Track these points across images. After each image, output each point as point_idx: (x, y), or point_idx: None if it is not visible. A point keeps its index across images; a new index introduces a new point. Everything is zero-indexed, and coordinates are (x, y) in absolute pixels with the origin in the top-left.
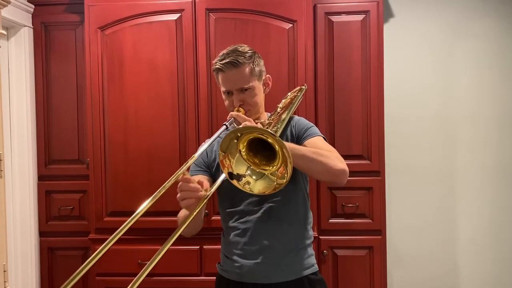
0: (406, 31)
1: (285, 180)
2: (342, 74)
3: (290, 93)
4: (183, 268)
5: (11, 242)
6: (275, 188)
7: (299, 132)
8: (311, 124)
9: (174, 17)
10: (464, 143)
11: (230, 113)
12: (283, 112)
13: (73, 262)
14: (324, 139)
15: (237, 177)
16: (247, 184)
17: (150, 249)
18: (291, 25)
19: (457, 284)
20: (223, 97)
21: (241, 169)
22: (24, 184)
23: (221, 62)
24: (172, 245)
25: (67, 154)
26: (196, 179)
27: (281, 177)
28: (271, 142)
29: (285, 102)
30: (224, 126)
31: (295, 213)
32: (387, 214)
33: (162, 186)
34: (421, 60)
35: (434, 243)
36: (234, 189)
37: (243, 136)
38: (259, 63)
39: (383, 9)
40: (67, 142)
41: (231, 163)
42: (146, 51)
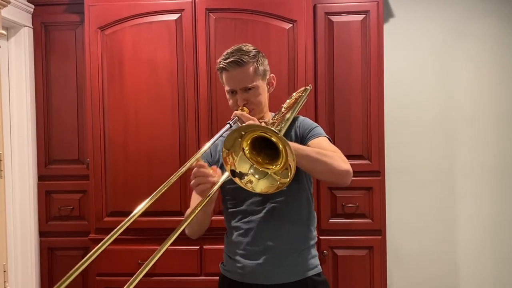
0: (406, 31)
1: (288, 179)
2: (342, 74)
3: (295, 93)
4: (183, 268)
5: (11, 242)
6: (278, 187)
7: (303, 133)
8: (315, 125)
9: (174, 17)
10: (464, 143)
11: (234, 112)
12: (287, 112)
13: (73, 262)
14: (329, 139)
15: (239, 175)
16: (249, 183)
17: (150, 249)
18: (291, 25)
19: (457, 284)
20: (227, 96)
21: (244, 167)
22: (24, 184)
23: (225, 61)
24: (172, 245)
25: (67, 154)
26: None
27: (284, 176)
28: (274, 141)
29: (290, 102)
30: (228, 125)
31: (298, 213)
32: (387, 214)
33: (170, 178)
34: (421, 60)
35: (434, 243)
36: (237, 188)
37: (246, 134)
38: (263, 63)
39: (383, 9)
40: (67, 142)
41: (234, 161)
42: (146, 51)
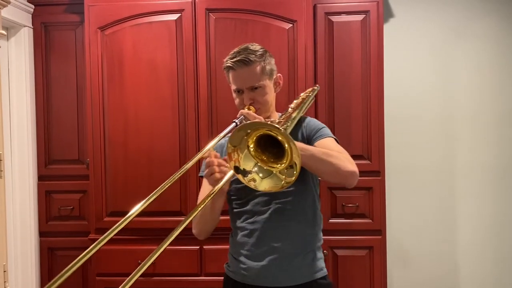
0: (406, 31)
1: (293, 178)
2: (342, 74)
3: (303, 94)
4: (183, 268)
5: (11, 242)
6: (282, 186)
7: (310, 133)
8: (322, 125)
9: (174, 17)
10: (464, 143)
11: (240, 111)
12: (294, 111)
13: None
14: (336, 140)
15: (242, 172)
16: (253, 181)
17: (150, 249)
18: (291, 25)
19: (457, 284)
20: (234, 95)
21: (248, 165)
22: (24, 184)
23: (232, 60)
24: (172, 245)
25: (67, 154)
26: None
27: (289, 175)
28: (280, 139)
29: (297, 102)
30: (234, 124)
31: (303, 214)
32: (387, 214)
33: (176, 174)
34: (421, 60)
35: (434, 243)
36: (243, 188)
37: (252, 132)
38: (270, 62)
39: (383, 9)
40: (67, 142)
41: (239, 157)
42: (146, 51)
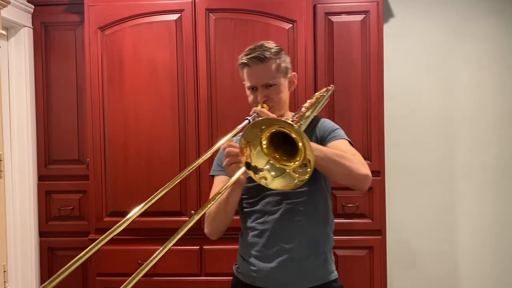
0: (406, 31)
1: (307, 176)
2: (342, 74)
3: (317, 93)
4: (183, 268)
5: (11, 242)
6: (295, 185)
7: (323, 134)
8: (336, 126)
9: (174, 17)
10: (464, 143)
11: (253, 109)
12: (307, 111)
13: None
14: (350, 143)
15: (254, 169)
16: (264, 179)
17: (150, 249)
18: (291, 25)
19: (457, 284)
20: (247, 92)
21: (260, 162)
22: (24, 184)
23: (247, 57)
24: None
25: (67, 154)
26: (219, 180)
27: (302, 173)
28: (294, 137)
29: (311, 102)
30: (247, 121)
31: (315, 215)
32: (387, 214)
33: (187, 168)
34: (421, 60)
35: (434, 243)
36: (254, 187)
37: (266, 128)
38: (285, 60)
39: (383, 9)
40: (67, 142)
41: (251, 153)
42: (146, 51)
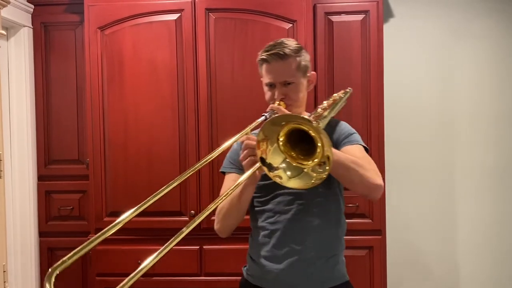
0: (406, 31)
1: (324, 175)
2: (342, 74)
3: (335, 94)
4: (183, 268)
5: (11, 242)
6: (312, 184)
7: (339, 137)
8: (353, 131)
9: (174, 17)
10: (464, 143)
11: (271, 106)
12: (325, 111)
13: (73, 262)
14: (365, 149)
15: (268, 166)
16: (278, 178)
17: (150, 249)
18: (291, 25)
19: (457, 284)
20: (265, 89)
21: (276, 160)
22: (24, 184)
23: (267, 53)
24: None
25: (66, 154)
26: (230, 178)
27: (320, 172)
28: (313, 136)
29: (328, 103)
30: (263, 117)
31: (327, 217)
32: (387, 214)
33: (200, 163)
34: (420, 60)
35: (434, 243)
36: (267, 185)
37: (285, 125)
38: (305, 58)
39: (382, 9)
40: (67, 142)
41: (267, 149)
42: (146, 51)
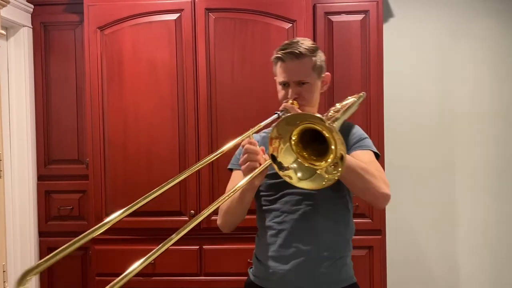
0: (405, 31)
1: (336, 177)
2: (341, 73)
3: (350, 97)
4: (183, 268)
5: (10, 242)
6: (323, 185)
7: (350, 141)
8: (365, 136)
9: (174, 17)
10: (464, 143)
11: (284, 104)
12: (337, 113)
13: (73, 262)
14: (377, 155)
15: (279, 164)
16: (288, 177)
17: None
18: (291, 25)
19: (457, 284)
20: (278, 88)
21: (288, 159)
22: (23, 184)
23: (282, 51)
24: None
25: (66, 154)
26: (237, 174)
27: (332, 173)
28: (326, 136)
29: (341, 105)
30: (276, 115)
31: (335, 220)
32: (386, 214)
33: (202, 162)
34: (420, 60)
35: (434, 243)
36: (275, 184)
37: (299, 124)
38: (321, 59)
39: (382, 9)
40: (67, 142)
41: (279, 148)
42: (146, 51)
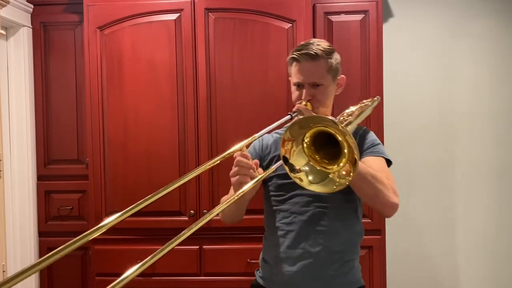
0: (405, 31)
1: (347, 182)
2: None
3: (365, 101)
4: (183, 268)
5: (10, 242)
6: (333, 190)
7: (362, 146)
8: (378, 141)
9: (173, 17)
10: (464, 142)
11: (297, 106)
12: (351, 117)
13: (73, 262)
14: (388, 162)
15: (290, 166)
16: (298, 180)
17: (149, 249)
18: (290, 24)
19: (457, 284)
20: (292, 89)
21: (300, 162)
22: (23, 184)
23: (298, 52)
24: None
25: (66, 154)
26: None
27: (344, 177)
28: (340, 140)
29: (355, 108)
30: (289, 116)
31: (344, 223)
32: None
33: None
34: (420, 60)
35: (434, 243)
36: (285, 185)
37: (312, 127)
38: (337, 61)
39: (382, 9)
40: (67, 142)
41: (292, 150)
42: (145, 51)
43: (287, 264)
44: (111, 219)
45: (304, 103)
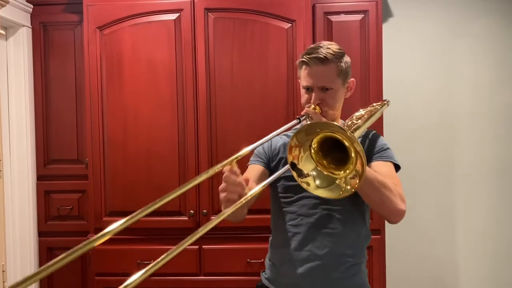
0: (405, 31)
1: (353, 189)
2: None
3: (375, 104)
4: (183, 268)
5: (10, 242)
6: (339, 196)
7: (371, 150)
8: (387, 146)
9: (173, 17)
10: (464, 142)
11: (307, 109)
12: (360, 121)
13: (73, 262)
14: (397, 166)
15: (298, 172)
16: (306, 184)
17: (149, 249)
18: (290, 24)
19: (457, 284)
20: (301, 92)
21: (307, 167)
22: (23, 184)
23: (308, 56)
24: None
25: (66, 154)
26: (252, 167)
27: (350, 184)
28: (347, 146)
29: (365, 112)
30: (297, 120)
31: (351, 227)
32: None
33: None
34: (419, 60)
35: (434, 243)
36: (293, 187)
37: (319, 133)
38: (347, 65)
39: (381, 9)
40: (66, 141)
41: (300, 156)
42: (145, 51)
43: (293, 266)
44: (114, 226)
45: (313, 106)
